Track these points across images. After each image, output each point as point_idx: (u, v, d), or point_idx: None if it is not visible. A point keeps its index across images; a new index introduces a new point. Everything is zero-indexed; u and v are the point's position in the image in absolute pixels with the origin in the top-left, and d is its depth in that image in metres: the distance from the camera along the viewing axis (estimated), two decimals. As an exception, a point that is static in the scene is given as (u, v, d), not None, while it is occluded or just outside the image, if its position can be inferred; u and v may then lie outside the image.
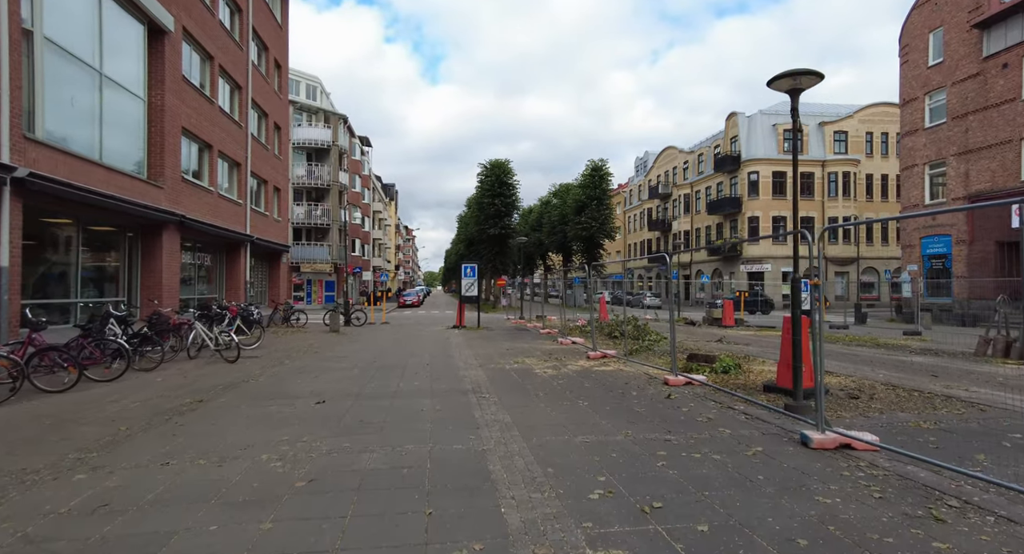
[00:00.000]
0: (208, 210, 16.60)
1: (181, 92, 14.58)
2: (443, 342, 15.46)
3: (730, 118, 43.49)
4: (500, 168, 39.23)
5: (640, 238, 60.49)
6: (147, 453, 5.07)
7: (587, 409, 6.70)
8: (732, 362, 9.11)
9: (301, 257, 37.51)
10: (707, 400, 7.17)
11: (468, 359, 11.66)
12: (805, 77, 6.26)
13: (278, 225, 24.39)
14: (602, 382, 8.64)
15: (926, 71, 24.66)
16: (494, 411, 6.63)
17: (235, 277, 19.54)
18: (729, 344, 14.06)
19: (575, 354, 12.46)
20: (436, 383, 8.69)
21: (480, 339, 16.32)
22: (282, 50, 24.76)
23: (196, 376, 9.61)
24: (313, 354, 12.78)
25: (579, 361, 11.18)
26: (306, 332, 19.28)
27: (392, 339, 16.47)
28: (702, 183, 47.88)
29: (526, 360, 11.40)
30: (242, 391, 8.21)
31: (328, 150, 38.36)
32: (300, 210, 37.73)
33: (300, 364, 11.06)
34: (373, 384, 8.65)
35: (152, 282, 13.65)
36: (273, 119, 23.43)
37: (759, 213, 41.00)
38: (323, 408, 6.96)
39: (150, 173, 13.44)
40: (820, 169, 40.89)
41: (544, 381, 8.78)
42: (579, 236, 40.04)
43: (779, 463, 4.56)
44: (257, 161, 21.34)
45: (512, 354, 12.48)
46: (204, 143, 16.61)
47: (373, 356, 12.25)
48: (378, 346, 14.44)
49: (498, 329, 20.68)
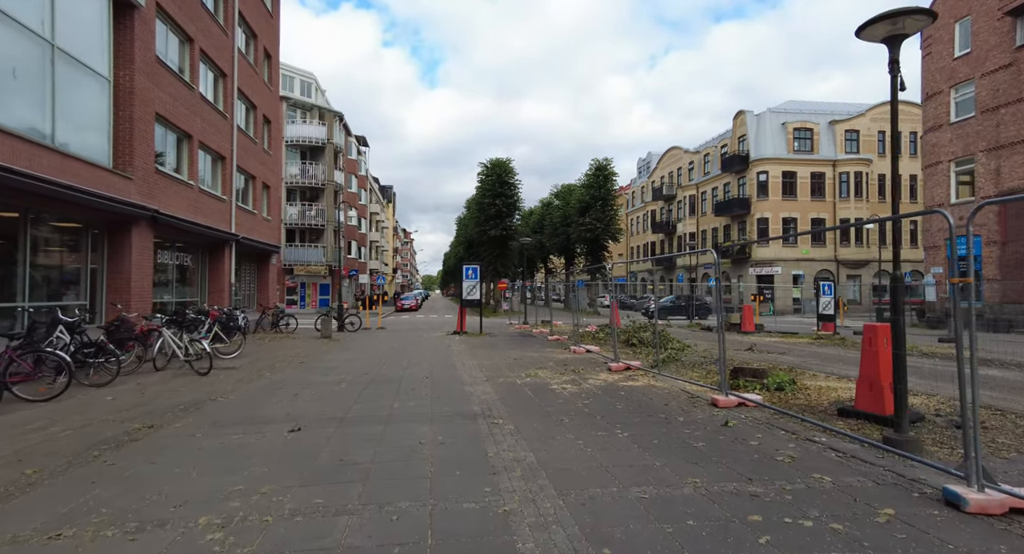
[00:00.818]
0: (187, 206, 15.21)
1: (154, 74, 13.21)
2: (444, 350, 14.07)
3: (738, 117, 42.25)
4: (501, 167, 37.90)
5: (643, 241, 59.18)
6: (42, 514, 3.67)
7: (629, 442, 5.32)
8: (786, 378, 7.73)
9: (295, 259, 36.09)
10: (774, 428, 5.80)
11: (473, 371, 10.27)
12: (910, 19, 4.89)
13: (267, 224, 23.00)
14: (636, 402, 7.25)
15: (952, 63, 23.40)
16: (512, 445, 5.24)
17: (219, 279, 18.12)
18: (763, 353, 12.69)
19: (593, 365, 11.07)
20: (437, 403, 7.30)
21: (484, 347, 14.93)
22: (272, 39, 23.42)
23: (156, 392, 8.21)
24: (298, 365, 11.38)
25: (600, 374, 9.80)
26: (295, 338, 17.87)
27: (388, 346, 15.07)
28: (708, 184, 46.61)
29: (539, 372, 10.01)
30: (205, 413, 6.82)
31: (323, 148, 36.99)
32: (293, 210, 36.33)
33: (281, 377, 9.66)
34: (362, 404, 7.26)
35: (119, 284, 12.23)
36: (262, 112, 22.06)
37: (768, 214, 39.71)
38: (297, 438, 5.58)
39: (117, 162, 12.05)
40: (831, 169, 39.64)
41: (566, 400, 7.39)
42: (583, 238, 38.69)
43: (933, 541, 3.18)
44: (244, 155, 19.96)
45: (522, 365, 11.08)
46: (183, 133, 15.23)
47: (365, 367, 10.86)
48: (372, 355, 13.04)
49: (502, 335, 19.29)
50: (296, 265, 36.10)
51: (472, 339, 17.41)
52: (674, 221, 52.28)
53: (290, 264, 35.98)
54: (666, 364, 10.61)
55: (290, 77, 37.92)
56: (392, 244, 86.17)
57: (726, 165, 42.62)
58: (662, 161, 56.16)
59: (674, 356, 11.13)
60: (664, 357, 11.18)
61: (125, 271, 12.25)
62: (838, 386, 7.97)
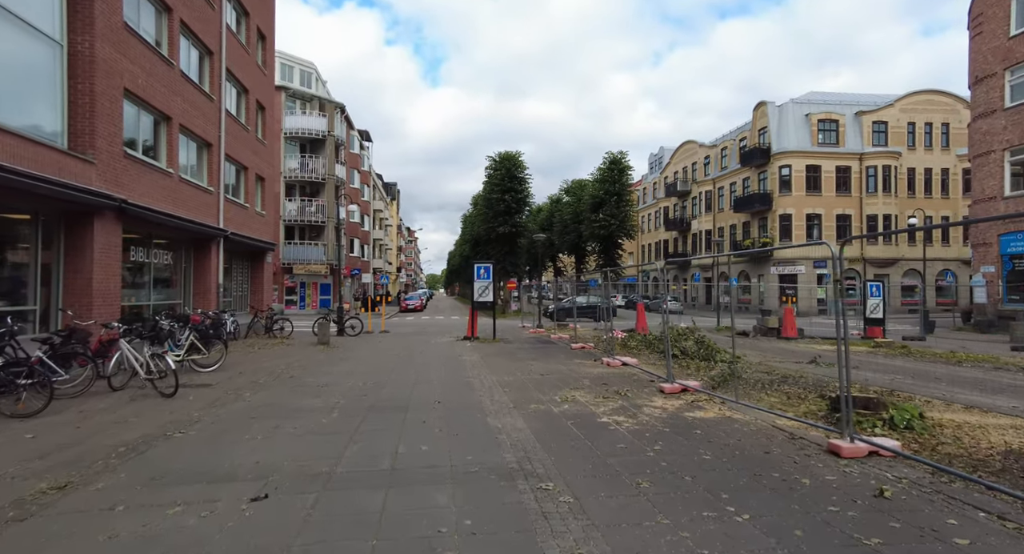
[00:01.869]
0: (165, 196, 13.45)
1: (122, 44, 11.43)
2: (455, 361, 12.27)
3: (758, 108, 40.26)
4: (510, 161, 36.01)
5: (655, 238, 57.23)
6: None
7: (759, 534, 3.49)
8: (913, 411, 5.88)
9: (294, 257, 34.36)
10: (961, 504, 3.96)
11: (494, 391, 8.46)
12: None
13: (262, 220, 21.24)
14: (724, 447, 5.42)
15: (1007, 42, 21.42)
16: (580, 537, 3.43)
17: (205, 279, 16.37)
18: (830, 366, 10.82)
19: (638, 384, 9.25)
20: (456, 446, 5.50)
21: (501, 356, 13.12)
22: (267, 19, 21.64)
23: (97, 426, 6.44)
24: (287, 380, 9.60)
25: (654, 398, 7.97)
26: (289, 345, 16.12)
27: (392, 355, 13.29)
28: (726, 179, 44.62)
29: (576, 394, 8.20)
30: (147, 461, 5.05)
31: (323, 141, 35.21)
32: (293, 206, 34.60)
33: (261, 400, 7.88)
34: (357, 448, 5.47)
35: (79, 285, 10.47)
36: (255, 97, 20.29)
37: (792, 210, 37.72)
38: (260, 515, 3.79)
39: (74, 143, 10.28)
40: (858, 163, 37.61)
41: (629, 444, 5.57)
42: (596, 235, 36.76)
43: None
44: (234, 143, 18.20)
45: (551, 383, 9.27)
46: (160, 114, 13.47)
47: (365, 385, 9.07)
48: (373, 367, 11.25)
49: (517, 341, 17.47)
50: (295, 264, 34.36)
51: (485, 346, 15.61)
52: (688, 218, 50.30)
53: (289, 263, 34.26)
54: (727, 383, 8.78)
55: (289, 66, 36.17)
56: (396, 242, 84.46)
57: (745, 159, 40.62)
58: (675, 156, 54.17)
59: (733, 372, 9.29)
60: (719, 374, 9.34)
61: (85, 270, 10.49)
62: (984, 422, 6.10)
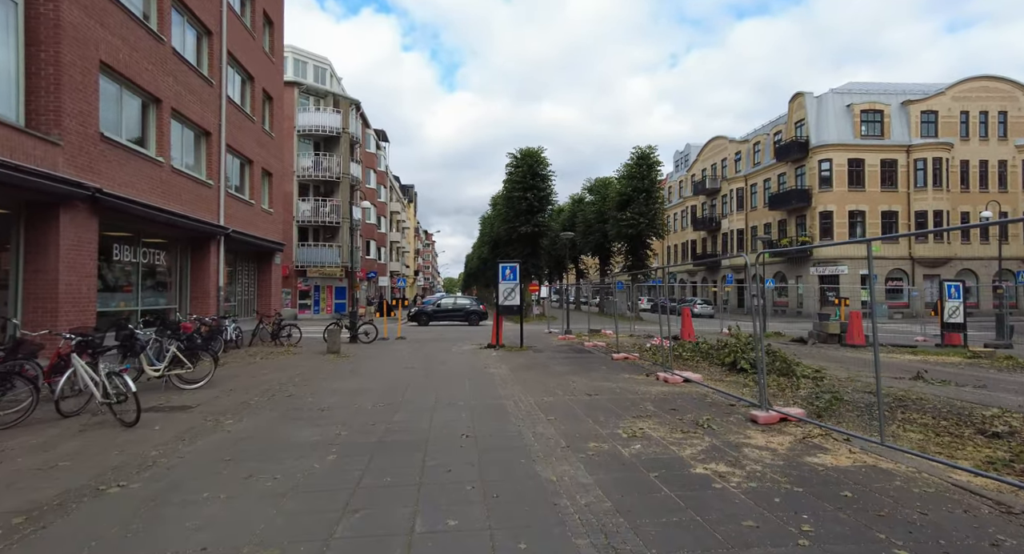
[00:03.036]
0: (153, 187, 11.94)
1: (97, 9, 9.94)
2: (481, 375, 10.49)
3: (795, 100, 37.96)
4: (532, 157, 34.25)
5: (682, 239, 54.95)
6: None
7: None
8: None
9: (307, 260, 32.98)
10: None
11: (536, 420, 6.66)
12: None
13: (269, 218, 19.77)
14: (912, 529, 3.55)
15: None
16: None
17: (203, 282, 14.87)
18: (942, 384, 8.82)
19: (716, 410, 7.36)
20: (500, 523, 3.69)
21: (534, 369, 11.31)
22: (275, 4, 20.20)
23: (9, 474, 4.79)
24: (282, 401, 7.93)
25: (748, 432, 6.09)
26: (295, 354, 14.52)
27: (408, 367, 11.57)
28: (759, 175, 42.31)
29: (644, 426, 6.36)
30: (43, 544, 3.34)
31: (338, 138, 33.81)
32: (306, 206, 33.24)
33: (244, 430, 6.18)
34: (352, 523, 3.70)
35: (42, 288, 8.95)
36: (262, 85, 18.84)
37: (832, 207, 35.34)
38: None
39: (33, 121, 8.77)
40: (904, 155, 35.11)
41: (759, 519, 3.71)
42: (624, 234, 34.83)
43: None
44: (237, 134, 16.73)
45: (605, 407, 7.44)
46: (148, 95, 11.97)
47: (374, 408, 7.34)
48: (386, 383, 9.53)
49: (547, 349, 15.66)
50: (309, 266, 32.97)
51: (513, 356, 13.81)
52: (718, 217, 48.02)
53: (303, 265, 32.88)
54: (831, 409, 6.87)
55: (302, 62, 34.92)
56: (413, 245, 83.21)
57: (781, 153, 38.33)
58: (703, 153, 51.92)
59: (835, 395, 7.36)
60: (817, 395, 7.42)
61: (49, 270, 8.96)
62: None
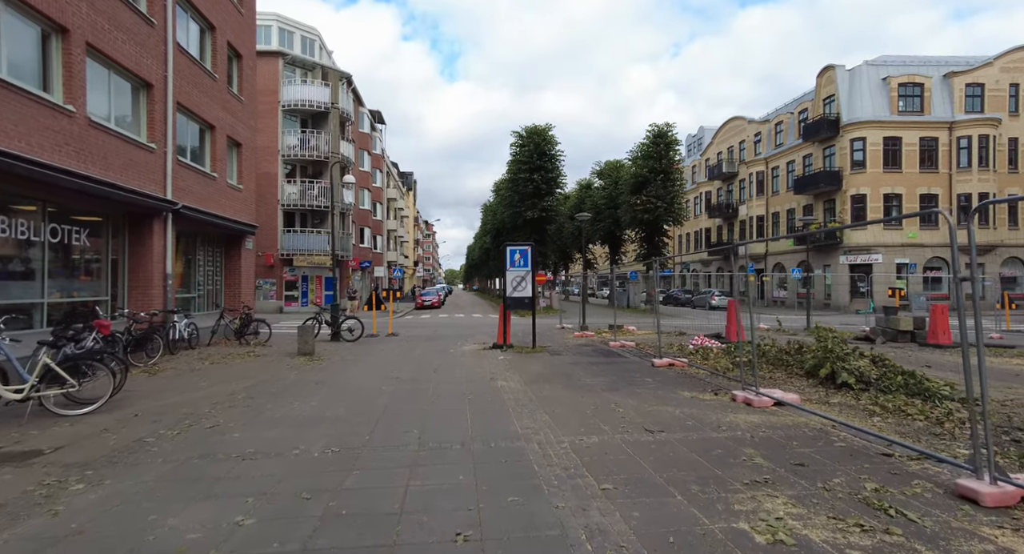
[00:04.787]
0: (59, 143, 9.17)
1: None
2: (487, 391, 7.74)
3: (824, 73, 34.89)
4: (539, 135, 31.33)
5: (695, 227, 52.03)
6: None
7: None
8: None
9: (294, 247, 30.20)
10: None
11: (584, 495, 3.88)
12: None
13: (238, 196, 16.97)
14: None
15: None
16: None
17: (144, 268, 12.12)
18: None
19: (872, 466, 4.61)
20: None
21: (557, 382, 8.55)
22: (243, -56, 17.28)
23: None
24: (197, 437, 5.17)
25: (973, 524, 3.33)
26: (258, 357, 11.83)
27: (391, 377, 8.82)
28: (782, 157, 39.31)
29: (781, 511, 3.58)
30: None
31: (327, 114, 30.89)
32: (293, 189, 30.40)
33: (87, 510, 3.39)
34: None
35: None
36: (226, 38, 15.96)
37: (866, 190, 32.40)
38: None
39: None
40: (947, 133, 32.11)
41: None
42: (639, 220, 31.92)
43: None
44: (193, 92, 13.91)
45: (689, 461, 4.67)
46: (47, 21, 9.16)
47: (321, 457, 4.56)
48: (354, 405, 6.78)
49: (566, 350, 12.90)
50: (296, 254, 30.20)
51: (526, 360, 11.06)
52: (735, 203, 45.07)
53: (289, 253, 30.11)
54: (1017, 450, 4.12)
55: (288, 31, 31.95)
56: (413, 235, 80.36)
57: (808, 132, 35.32)
58: (719, 135, 48.87)
59: None
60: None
61: None
62: None
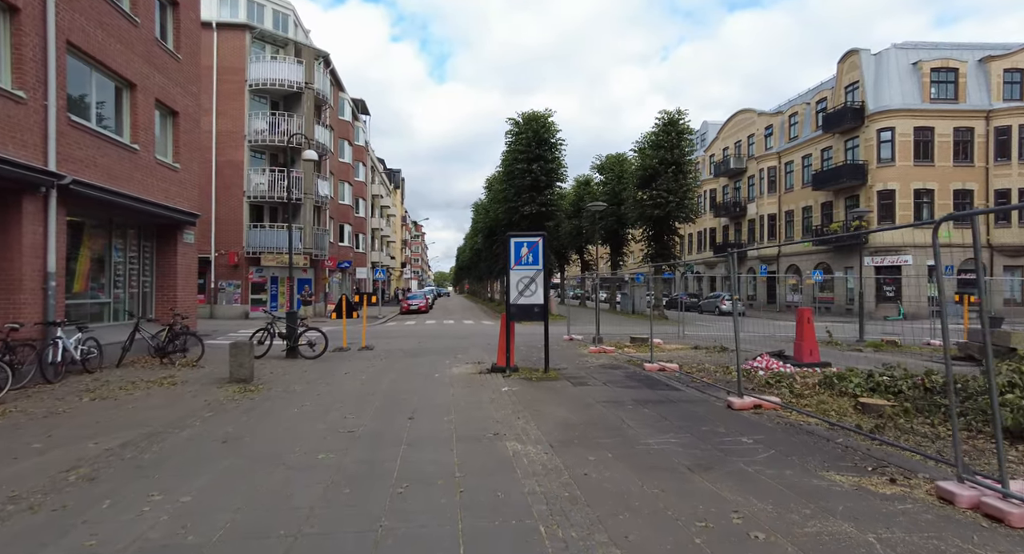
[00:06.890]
0: None
1: None
2: (489, 462, 4.43)
3: (846, 59, 32.12)
4: (538, 122, 28.23)
5: (699, 227, 49.14)
6: None
7: None
8: None
9: (262, 244, 26.76)
10: None
11: None
12: None
13: (173, 176, 13.62)
14: None
15: None
16: None
17: (10, 264, 8.76)
18: None
19: None
20: None
21: (604, 449, 5.30)
22: None
23: None
24: None
25: None
26: (176, 384, 8.52)
27: (345, 432, 5.53)
28: (797, 151, 36.50)
29: None
30: None
31: (300, 95, 27.50)
32: (261, 179, 26.98)
33: None
34: None
35: None
36: (154, -24, 12.65)
37: (895, 184, 29.62)
38: None
39: None
40: (983, 123, 29.44)
41: None
42: (647, 216, 28.89)
43: None
44: (96, 33, 10.57)
45: None
46: None
47: None
48: (270, 494, 3.46)
49: (591, 378, 9.68)
50: (264, 253, 26.75)
51: (542, 395, 7.82)
52: (743, 201, 42.23)
53: (255, 252, 26.65)
54: None
55: (258, 4, 28.54)
56: (400, 235, 76.87)
57: (829, 123, 32.53)
58: (724, 130, 46.06)
59: None
60: None
61: None
62: None
